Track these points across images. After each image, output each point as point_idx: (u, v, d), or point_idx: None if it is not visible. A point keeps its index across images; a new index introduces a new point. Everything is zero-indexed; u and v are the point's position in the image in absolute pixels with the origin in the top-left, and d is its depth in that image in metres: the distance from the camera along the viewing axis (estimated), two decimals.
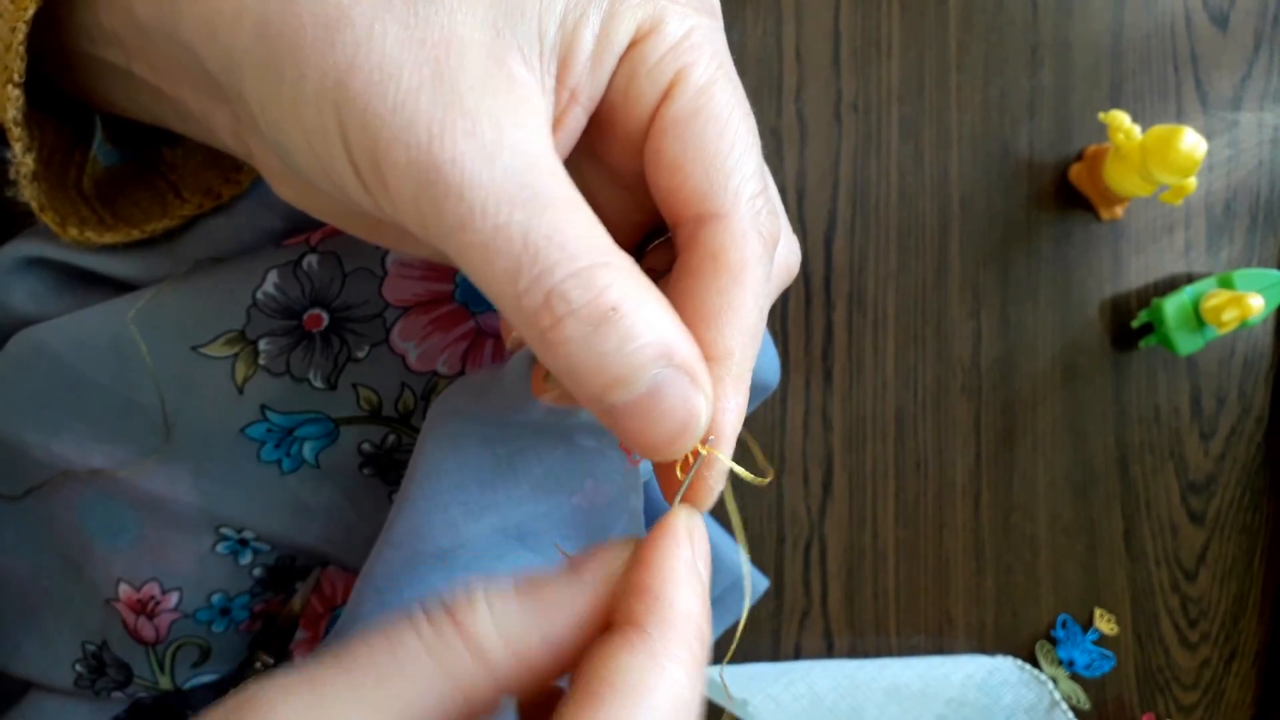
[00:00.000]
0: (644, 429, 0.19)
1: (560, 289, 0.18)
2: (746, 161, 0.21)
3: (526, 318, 0.18)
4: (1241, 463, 0.57)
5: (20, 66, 0.23)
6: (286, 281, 0.31)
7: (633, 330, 0.18)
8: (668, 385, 0.19)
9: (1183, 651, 0.56)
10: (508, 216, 0.18)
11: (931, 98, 0.55)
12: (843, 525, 0.54)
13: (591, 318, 0.18)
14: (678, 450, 0.19)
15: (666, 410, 0.19)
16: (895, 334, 0.54)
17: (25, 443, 0.31)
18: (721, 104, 0.21)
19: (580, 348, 0.18)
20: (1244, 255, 0.57)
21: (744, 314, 0.21)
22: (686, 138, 0.21)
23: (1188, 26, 0.56)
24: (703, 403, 0.19)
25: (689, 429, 0.19)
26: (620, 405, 0.19)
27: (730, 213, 0.21)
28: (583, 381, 0.18)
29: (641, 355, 0.18)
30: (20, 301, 0.31)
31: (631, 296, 0.18)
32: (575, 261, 0.18)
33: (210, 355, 0.30)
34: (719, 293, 0.20)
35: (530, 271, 0.18)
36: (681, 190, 0.21)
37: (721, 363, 0.20)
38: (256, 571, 0.35)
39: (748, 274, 0.21)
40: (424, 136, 0.18)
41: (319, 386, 0.32)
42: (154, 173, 0.32)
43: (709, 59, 0.21)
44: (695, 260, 0.21)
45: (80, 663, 0.34)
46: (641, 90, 0.21)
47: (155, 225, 0.30)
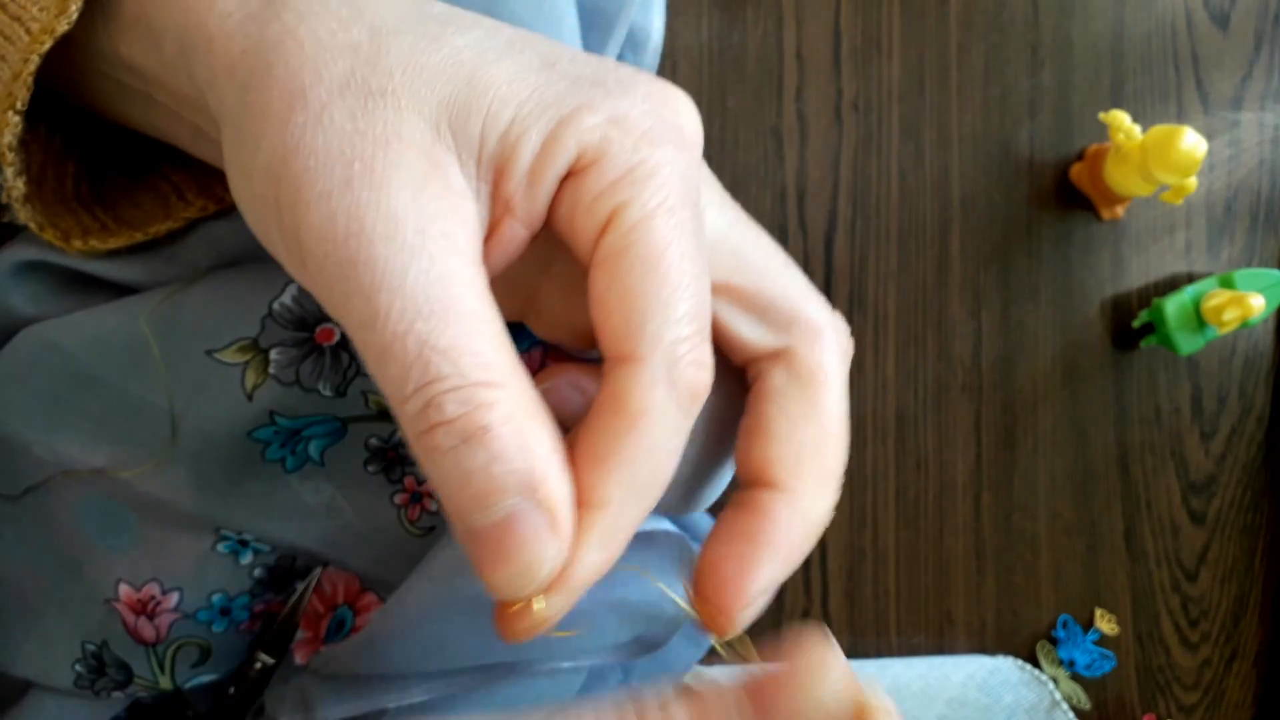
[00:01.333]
0: (487, 560, 0.19)
1: (438, 400, 0.18)
2: (675, 304, 0.20)
3: (406, 422, 0.18)
4: (1242, 462, 0.57)
5: (25, 96, 0.23)
6: (304, 294, 0.31)
7: (501, 453, 0.18)
8: (521, 518, 0.18)
9: (1183, 651, 0.56)
10: (408, 326, 0.18)
11: (932, 97, 0.55)
12: (843, 525, 0.54)
13: (461, 431, 0.18)
14: (514, 591, 0.19)
15: (515, 545, 0.18)
16: (896, 333, 0.54)
17: (27, 440, 0.31)
18: (654, 242, 0.20)
19: (449, 460, 0.18)
20: (1245, 255, 0.57)
21: (633, 466, 0.20)
22: (614, 275, 0.20)
23: (1188, 26, 0.56)
24: (552, 550, 0.19)
25: (530, 573, 0.19)
26: (476, 529, 0.18)
27: (642, 358, 0.20)
28: (448, 496, 0.19)
29: (503, 480, 0.18)
30: (21, 304, 0.31)
31: (511, 420, 0.18)
32: (462, 378, 0.18)
33: (222, 361, 0.30)
34: (611, 437, 0.20)
35: (416, 380, 0.18)
36: (604, 327, 0.20)
37: (594, 511, 0.20)
38: (257, 572, 0.35)
39: (645, 423, 0.20)
40: (342, 232, 0.18)
41: (327, 395, 0.32)
42: (155, 174, 0.32)
43: (652, 193, 0.20)
44: (600, 400, 0.20)
45: (80, 663, 0.34)
46: (582, 224, 0.20)
47: (159, 227, 0.30)
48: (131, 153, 0.32)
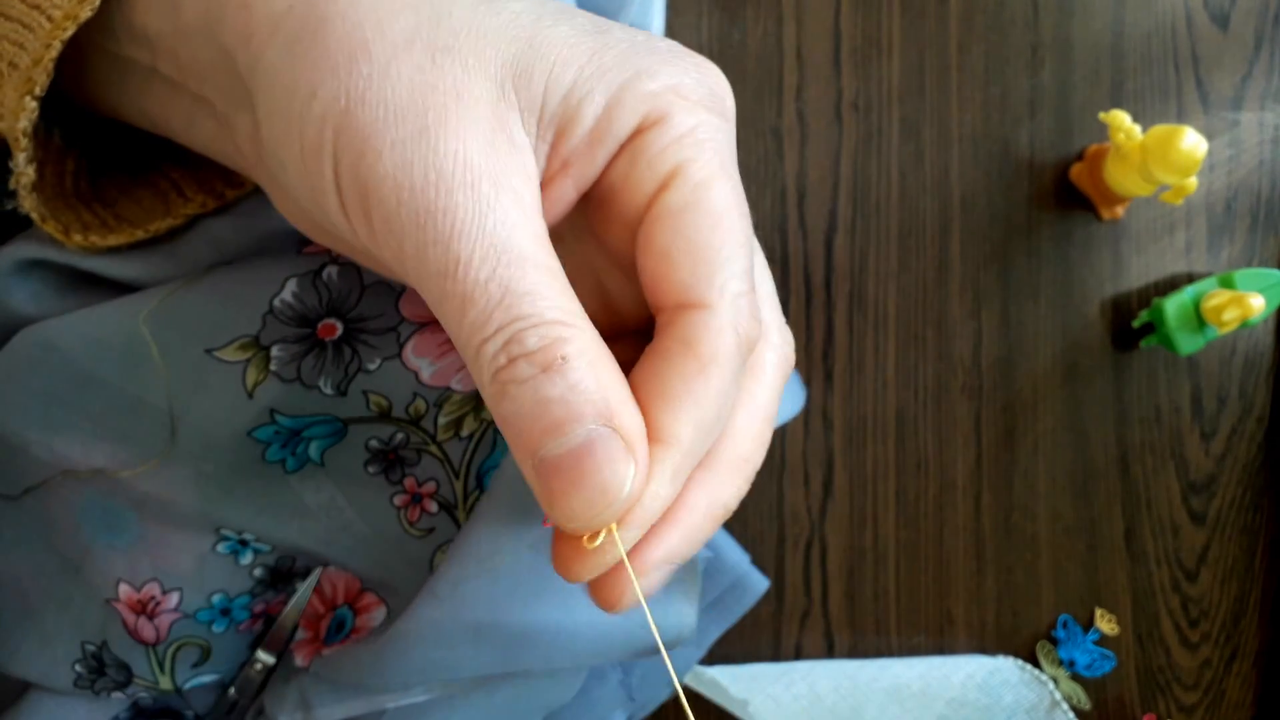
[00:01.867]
0: (567, 488, 0.19)
1: (521, 336, 0.19)
2: (736, 261, 0.21)
3: (484, 361, 0.19)
4: (1243, 463, 0.57)
5: (45, 81, 0.23)
6: (305, 291, 0.31)
7: (579, 382, 0.19)
8: (600, 444, 0.19)
9: (1183, 652, 0.56)
10: (490, 273, 0.19)
11: (932, 97, 0.55)
12: (843, 525, 0.54)
13: (541, 361, 0.18)
14: (592, 520, 0.19)
15: (592, 469, 0.19)
16: (896, 333, 0.54)
17: (27, 440, 0.31)
18: (718, 201, 0.21)
19: (526, 390, 0.19)
20: (1245, 255, 0.57)
21: (703, 406, 0.20)
22: (678, 228, 0.21)
23: (1189, 26, 0.56)
24: (631, 473, 0.19)
25: (609, 496, 0.19)
26: (550, 458, 0.19)
27: (712, 306, 0.21)
28: (522, 430, 0.19)
29: (581, 407, 0.19)
30: (21, 303, 0.31)
31: (585, 354, 0.19)
32: (541, 317, 0.19)
33: (222, 359, 0.30)
34: (681, 379, 0.20)
35: (500, 321, 0.19)
36: (668, 278, 0.21)
37: (665, 446, 0.20)
38: (257, 572, 0.35)
39: (715, 368, 0.21)
40: (420, 181, 0.19)
41: (329, 393, 0.32)
42: (155, 171, 0.32)
43: (711, 155, 0.21)
44: (666, 344, 0.21)
45: (80, 663, 0.34)
46: (641, 177, 0.21)
47: (159, 224, 0.30)
48: (131, 151, 0.32)
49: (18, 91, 0.23)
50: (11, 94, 0.24)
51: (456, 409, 0.33)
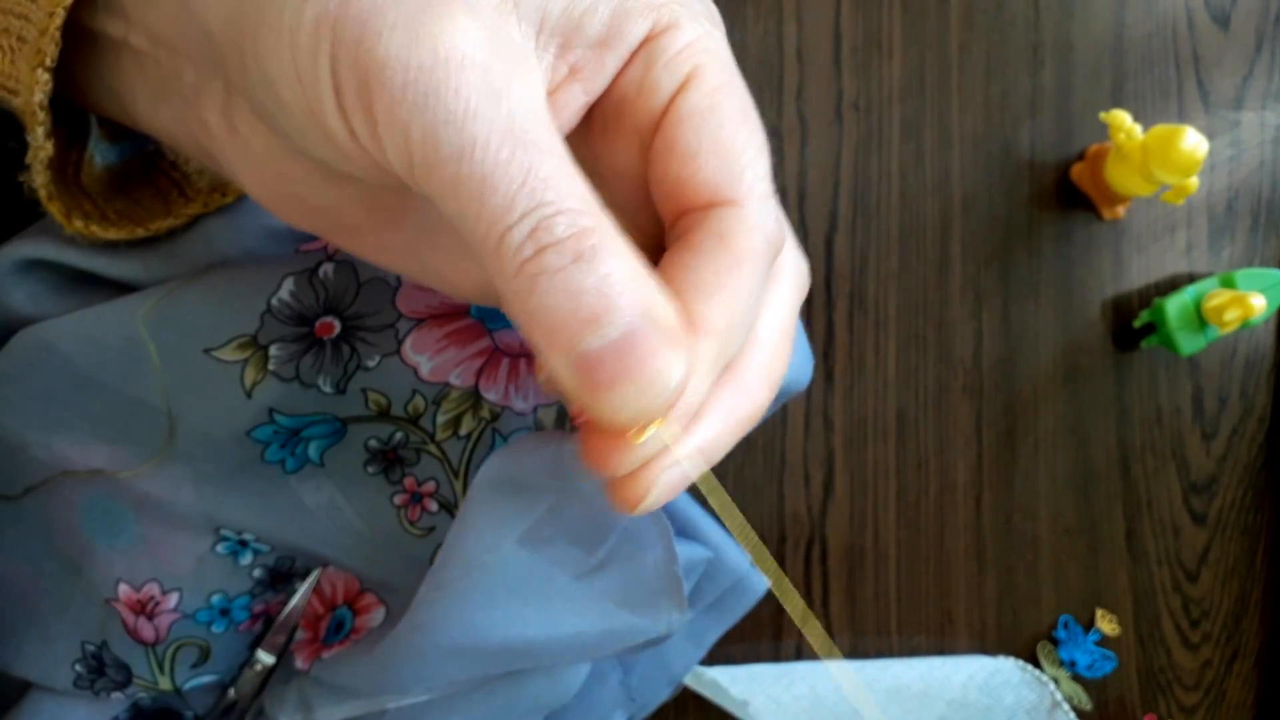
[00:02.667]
0: (612, 382, 0.18)
1: (547, 223, 0.18)
2: (760, 163, 0.21)
3: (509, 253, 0.18)
4: (1243, 463, 0.57)
5: (54, 51, 0.23)
6: (302, 289, 0.31)
7: (612, 273, 0.18)
8: (642, 335, 0.18)
9: (1184, 652, 0.56)
10: (509, 154, 0.18)
11: (933, 97, 0.55)
12: (844, 526, 0.54)
13: (572, 251, 0.18)
14: (640, 413, 0.18)
15: (637, 361, 0.18)
16: (896, 334, 0.54)
17: (26, 441, 0.31)
18: (738, 105, 0.21)
19: (558, 284, 0.17)
20: (1246, 255, 0.56)
21: (738, 299, 0.20)
22: (704, 129, 0.21)
23: (1189, 26, 0.56)
24: (676, 363, 0.18)
25: (658, 387, 0.18)
26: (590, 353, 0.18)
27: (742, 203, 0.21)
28: (554, 326, 0.18)
29: (618, 298, 0.18)
30: (20, 303, 0.31)
31: (614, 245, 0.18)
32: (565, 204, 0.18)
33: (221, 359, 0.30)
34: (716, 272, 0.20)
35: (524, 206, 0.18)
36: (694, 179, 0.21)
37: (704, 337, 0.19)
38: (256, 572, 0.35)
39: (749, 264, 0.20)
40: (428, 59, 0.18)
41: (328, 391, 0.32)
42: (156, 171, 0.32)
43: (722, 63, 0.21)
44: (698, 238, 0.20)
45: (80, 663, 0.34)
46: (658, 80, 0.21)
47: (159, 224, 0.30)
48: (131, 151, 0.32)
49: (29, 64, 0.24)
50: (24, 68, 0.24)
51: (455, 406, 0.33)
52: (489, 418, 0.33)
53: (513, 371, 0.33)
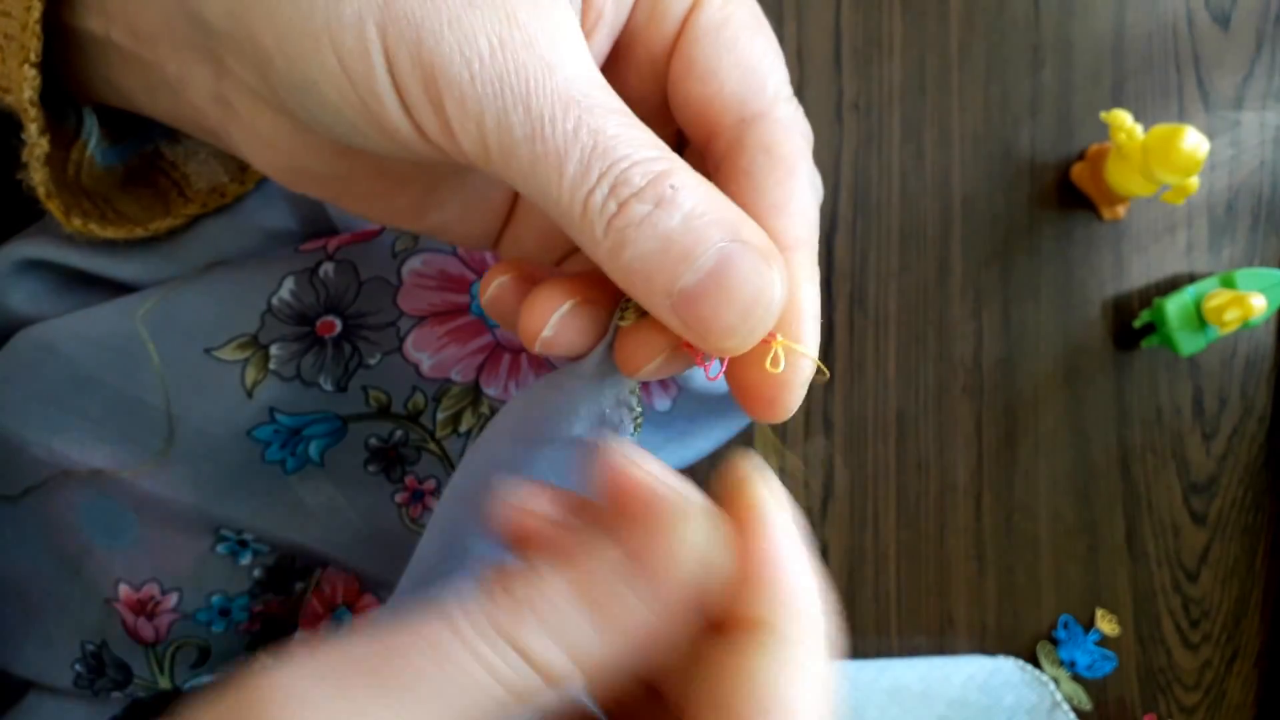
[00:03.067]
0: (716, 310, 0.18)
1: (625, 176, 0.18)
2: (779, 69, 0.22)
3: (594, 214, 0.18)
4: (1244, 463, 0.56)
5: (37, 46, 0.24)
6: (302, 288, 0.31)
7: (695, 206, 0.18)
8: (737, 257, 0.18)
9: (1184, 652, 0.56)
10: (576, 122, 0.18)
11: (933, 97, 0.55)
12: (844, 526, 0.54)
13: (653, 196, 0.18)
14: (753, 330, 0.19)
15: (738, 283, 0.18)
16: (896, 334, 0.54)
17: (26, 441, 0.31)
18: (750, 15, 0.22)
19: (645, 231, 0.18)
20: (1246, 255, 0.56)
21: (806, 205, 0.20)
22: (720, 43, 0.21)
23: (1190, 26, 0.56)
24: (776, 277, 0.19)
25: (763, 304, 0.18)
26: (690, 288, 0.18)
27: (773, 111, 0.21)
28: (653, 269, 0.18)
29: (706, 229, 0.18)
30: (20, 303, 0.31)
31: (690, 180, 0.19)
32: (637, 154, 0.18)
33: (221, 358, 0.30)
34: (778, 184, 0.20)
35: (600, 168, 0.18)
36: (719, 96, 0.21)
37: (796, 250, 0.20)
38: (256, 572, 0.35)
39: (801, 166, 0.21)
40: (485, 49, 0.18)
41: (328, 389, 0.32)
42: (156, 171, 0.32)
43: None
44: (745, 160, 0.21)
45: (80, 663, 0.34)
46: (668, 4, 0.21)
47: (159, 224, 0.30)
48: (131, 151, 0.32)
49: (16, 60, 0.24)
50: (13, 65, 0.24)
51: (455, 403, 0.33)
52: (489, 414, 0.33)
53: (513, 367, 0.33)
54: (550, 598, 0.17)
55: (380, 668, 0.15)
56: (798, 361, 0.20)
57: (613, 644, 0.17)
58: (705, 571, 0.17)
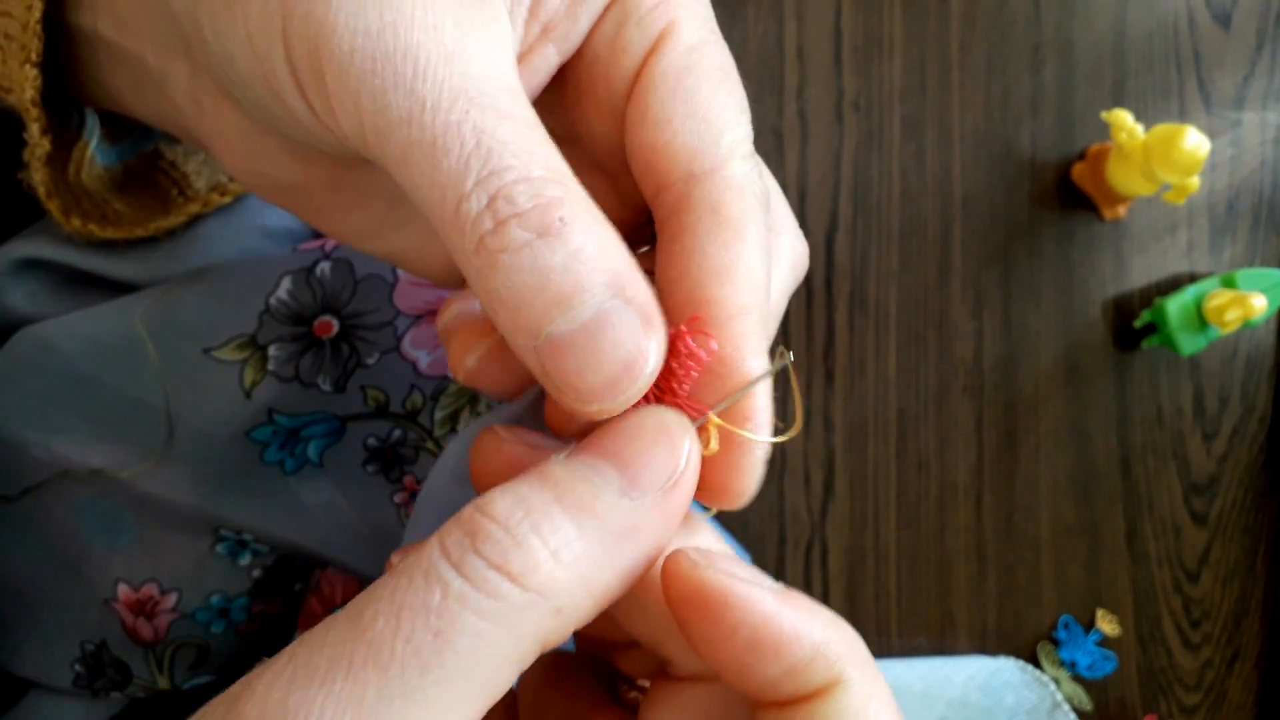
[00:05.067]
0: (582, 369, 0.16)
1: (508, 191, 0.16)
2: (740, 124, 0.20)
3: (466, 225, 0.16)
4: (1244, 463, 0.56)
5: (38, 46, 0.23)
6: (299, 288, 0.31)
7: (582, 248, 0.16)
8: (615, 316, 0.16)
9: (1185, 652, 0.56)
10: (461, 115, 0.17)
11: (933, 97, 0.55)
12: (844, 526, 0.54)
13: (538, 225, 0.16)
14: (618, 398, 0.17)
15: (610, 344, 0.16)
16: (897, 334, 0.54)
17: (25, 441, 0.31)
18: (714, 63, 0.20)
19: (522, 259, 0.16)
20: (1247, 255, 0.56)
21: (754, 268, 0.19)
22: (678, 93, 0.19)
23: (1190, 26, 0.56)
24: (652, 348, 0.17)
25: (634, 371, 0.17)
26: (558, 336, 0.16)
27: (725, 168, 0.19)
28: (520, 304, 0.16)
29: (589, 277, 0.16)
30: (19, 302, 0.31)
31: (584, 217, 0.17)
32: (529, 170, 0.17)
33: (220, 359, 0.30)
34: (723, 246, 0.19)
35: (479, 171, 0.16)
36: (670, 147, 0.19)
37: (739, 318, 0.18)
38: (255, 573, 0.35)
39: (749, 230, 0.19)
40: (375, 22, 0.17)
41: (327, 390, 0.32)
42: (156, 171, 0.32)
43: (700, 19, 0.20)
44: (691, 219, 0.19)
45: (79, 662, 0.34)
46: (630, 39, 0.20)
47: (159, 224, 0.30)
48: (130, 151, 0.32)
49: (17, 60, 0.24)
50: (14, 65, 0.24)
51: (452, 401, 0.33)
52: (485, 412, 0.33)
53: None
54: (544, 519, 0.16)
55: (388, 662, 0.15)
56: (745, 443, 0.18)
57: (601, 546, 0.16)
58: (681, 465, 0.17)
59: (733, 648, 0.16)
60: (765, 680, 0.16)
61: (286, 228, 0.33)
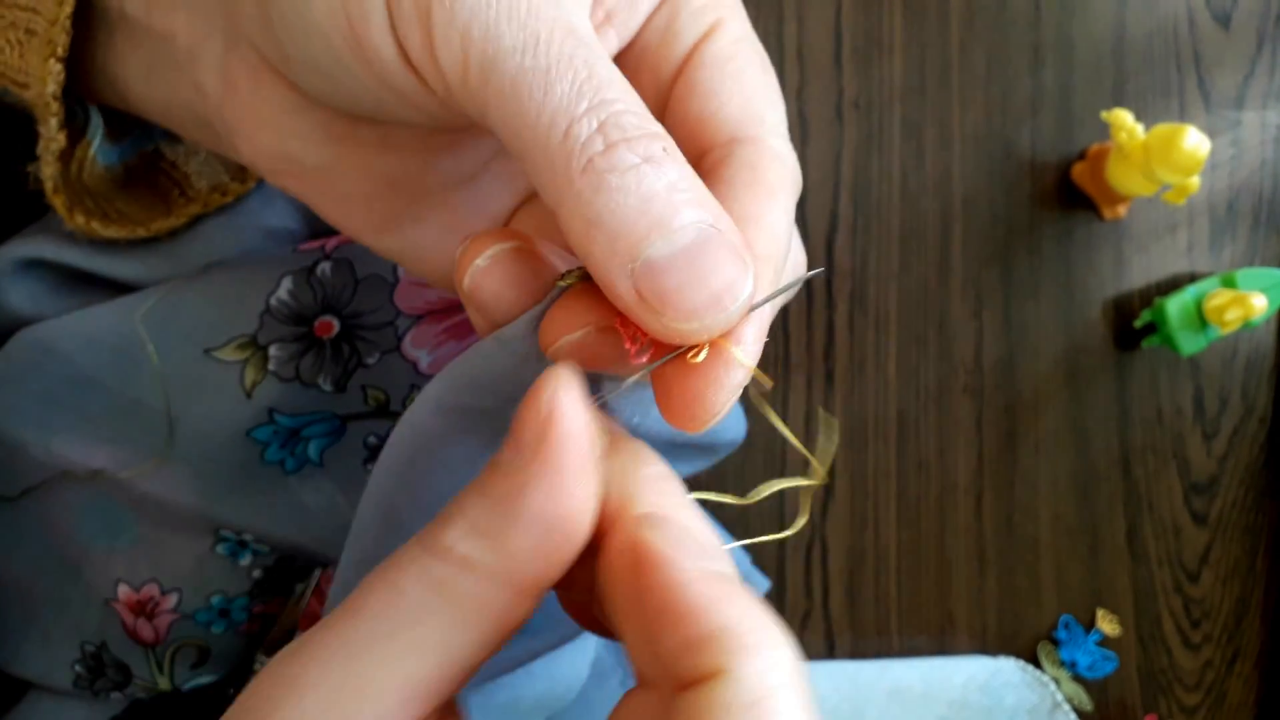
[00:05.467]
0: (683, 289, 0.17)
1: (617, 119, 0.17)
2: (779, 105, 0.22)
3: (575, 146, 0.17)
4: (1244, 463, 0.56)
5: (65, 41, 0.24)
6: (300, 288, 0.31)
7: (683, 177, 0.17)
8: (714, 243, 0.17)
9: (1185, 653, 0.56)
10: (573, 49, 0.17)
11: (933, 96, 0.55)
12: (844, 526, 0.54)
13: (644, 150, 0.17)
14: (715, 321, 0.17)
15: (709, 269, 0.17)
16: (897, 334, 0.54)
17: (25, 442, 0.31)
18: (758, 55, 0.22)
19: (628, 180, 0.17)
20: (1247, 254, 0.56)
21: (779, 228, 0.20)
22: (727, 70, 0.21)
23: (1190, 25, 0.56)
24: (747, 277, 0.17)
25: (732, 295, 0.17)
26: (658, 260, 0.17)
27: (768, 140, 0.21)
28: (623, 225, 0.17)
29: (688, 205, 0.17)
30: (19, 302, 0.31)
31: (679, 154, 0.18)
32: (634, 103, 0.18)
33: (220, 359, 0.30)
34: (755, 199, 0.20)
35: (591, 98, 0.17)
36: (718, 115, 0.21)
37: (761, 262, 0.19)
38: (256, 573, 0.35)
39: (782, 194, 0.20)
40: None
41: (327, 390, 0.32)
42: (156, 171, 0.32)
43: (743, 20, 0.22)
44: (729, 172, 0.20)
45: (79, 663, 0.34)
46: (683, 28, 0.21)
47: (160, 224, 0.30)
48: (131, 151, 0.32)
49: (40, 55, 0.24)
50: (35, 60, 0.24)
51: None
52: None
53: None
54: (460, 502, 0.18)
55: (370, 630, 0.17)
56: (730, 364, 0.18)
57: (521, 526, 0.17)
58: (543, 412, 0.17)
59: (641, 611, 0.17)
60: (661, 651, 0.16)
61: (287, 228, 0.33)
